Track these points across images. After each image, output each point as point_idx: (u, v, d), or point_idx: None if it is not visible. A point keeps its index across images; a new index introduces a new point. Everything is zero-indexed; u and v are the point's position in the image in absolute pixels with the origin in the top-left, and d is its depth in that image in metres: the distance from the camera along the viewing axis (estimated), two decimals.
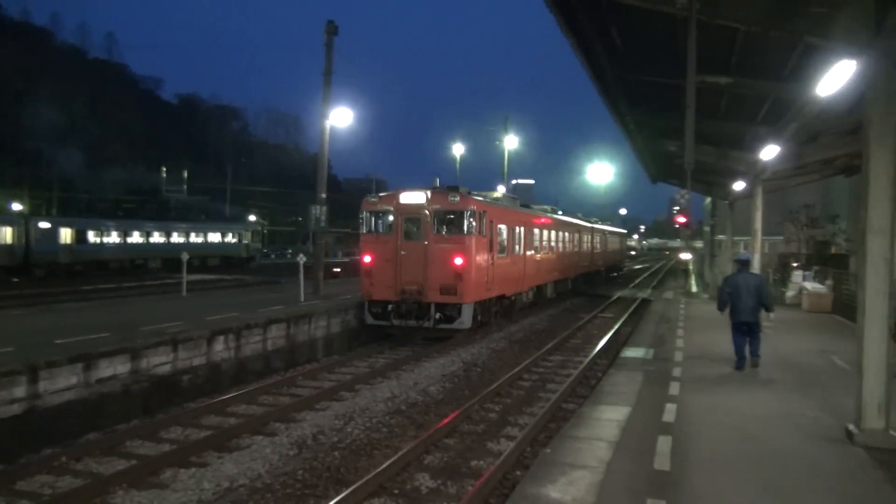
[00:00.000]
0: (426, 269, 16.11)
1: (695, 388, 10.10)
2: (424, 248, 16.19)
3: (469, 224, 16.19)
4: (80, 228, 38.74)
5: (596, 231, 36.03)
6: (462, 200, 16.27)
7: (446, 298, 16.04)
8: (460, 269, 15.99)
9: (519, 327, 20.72)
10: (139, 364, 11.17)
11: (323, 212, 20.51)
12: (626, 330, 19.70)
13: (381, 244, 16.58)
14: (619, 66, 12.79)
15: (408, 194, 16.59)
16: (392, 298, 16.36)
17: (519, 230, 20.29)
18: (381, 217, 16.80)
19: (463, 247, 16.09)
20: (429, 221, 16.24)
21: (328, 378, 13.65)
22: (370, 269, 16.66)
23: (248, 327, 13.78)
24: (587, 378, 13.37)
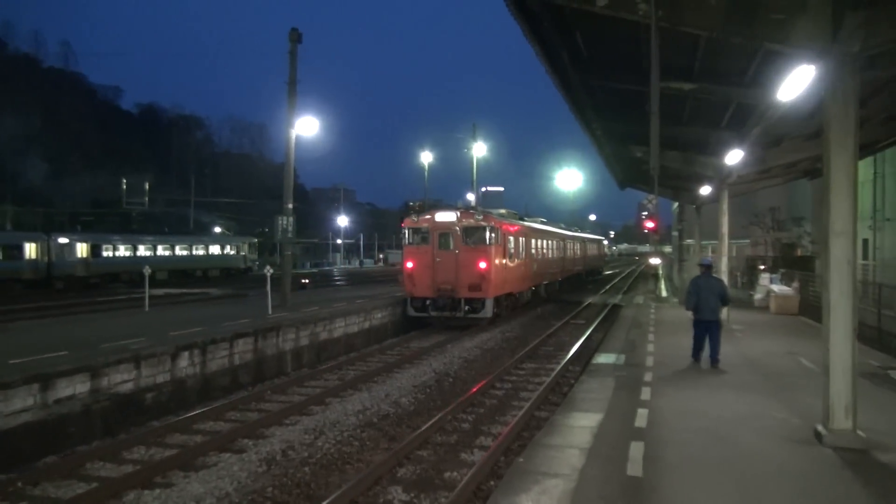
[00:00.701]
0: (457, 271, 21.05)
1: (666, 393, 10.22)
2: (455, 255, 21.21)
3: (489, 236, 21.28)
4: (94, 243, 42.18)
5: (577, 238, 40.85)
6: (484, 218, 21.68)
7: (473, 294, 21.01)
8: (484, 271, 21.02)
9: (490, 336, 20.77)
10: (100, 383, 10.90)
11: (290, 222, 20.34)
12: (598, 336, 19.86)
13: (421, 253, 21.56)
14: (584, 73, 12.94)
15: (441, 214, 21.92)
16: (430, 295, 21.29)
17: (521, 240, 25.05)
18: (420, 232, 21.82)
19: (486, 254, 21.11)
20: (458, 234, 21.36)
21: (297, 392, 13.50)
22: (412, 273, 21.49)
23: (213, 342, 13.57)
24: (559, 385, 13.43)
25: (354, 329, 19.35)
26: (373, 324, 20.57)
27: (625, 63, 11.93)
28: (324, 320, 17.71)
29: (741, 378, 11.35)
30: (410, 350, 18.17)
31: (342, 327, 18.63)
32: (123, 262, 43.76)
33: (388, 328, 21.59)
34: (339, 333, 18.41)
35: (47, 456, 9.61)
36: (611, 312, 26.20)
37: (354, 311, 19.64)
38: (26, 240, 38.57)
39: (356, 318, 19.53)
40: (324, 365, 16.51)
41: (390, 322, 21.83)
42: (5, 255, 37.31)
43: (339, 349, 18.27)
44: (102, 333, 14.11)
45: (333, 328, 18.14)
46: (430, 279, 21.25)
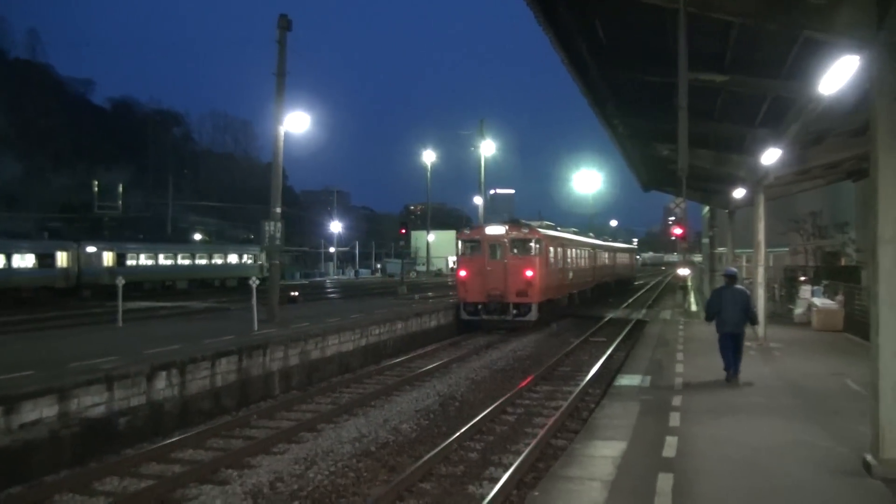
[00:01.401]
0: (506, 279, 25.70)
1: (697, 419, 10.19)
2: (504, 264, 25.90)
3: (535, 247, 26.14)
4: (119, 252, 46.38)
5: (606, 248, 45.60)
6: (530, 231, 26.60)
7: (520, 299, 25.63)
8: (530, 279, 25.66)
9: (500, 355, 20.79)
10: (68, 406, 10.93)
11: (278, 228, 20.41)
12: (620, 355, 19.83)
13: (473, 263, 26.43)
14: (604, 64, 12.99)
15: (492, 227, 26.99)
16: (481, 300, 25.98)
17: (560, 250, 29.64)
18: (472, 244, 26.88)
19: (531, 263, 25.86)
20: (507, 246, 26.17)
21: (286, 417, 13.51)
22: (465, 281, 26.49)
23: (193, 361, 13.60)
24: (578, 410, 13.42)
25: (349, 347, 19.38)
26: (370, 341, 20.59)
27: (650, 53, 11.96)
28: (315, 337, 17.73)
29: (781, 402, 11.32)
30: (412, 371, 18.19)
31: (336, 345, 18.65)
32: (146, 271, 48.12)
33: (387, 346, 21.61)
34: (332, 352, 18.43)
35: (11, 486, 9.64)
36: (634, 329, 26.18)
37: (349, 327, 19.67)
38: (59, 248, 42.39)
39: (351, 334, 19.55)
40: (315, 387, 16.52)
41: (389, 340, 21.86)
42: (40, 263, 41.10)
43: (333, 369, 18.28)
44: (72, 351, 14.15)
45: (326, 346, 18.17)
46: (482, 286, 26.11)
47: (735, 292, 13.01)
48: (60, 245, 42.99)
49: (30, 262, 40.80)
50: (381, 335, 21.33)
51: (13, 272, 39.42)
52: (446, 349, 22.45)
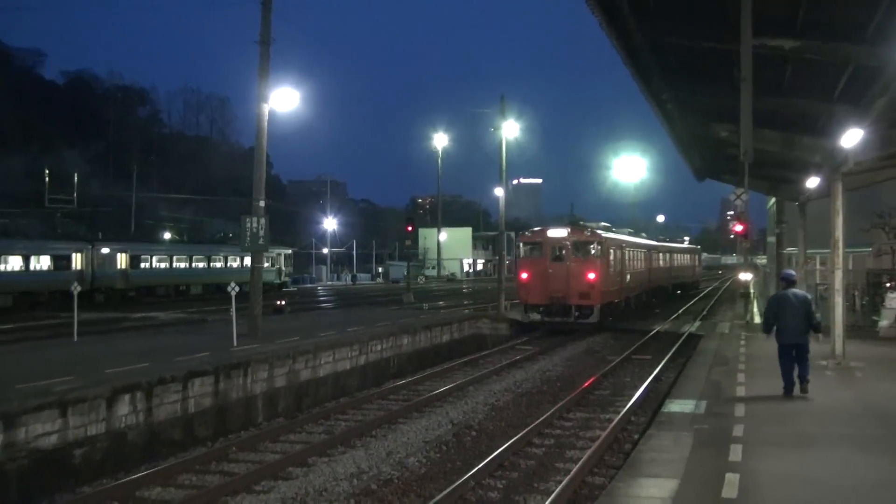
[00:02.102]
0: (568, 281, 29.45)
1: (763, 452, 10.12)
2: (567, 266, 29.73)
3: (597, 250, 30.08)
4: (133, 254, 50.59)
5: (663, 249, 49.67)
6: (591, 234, 30.80)
7: (582, 301, 29.40)
8: (593, 281, 29.31)
9: (525, 375, 20.77)
10: (14, 435, 11.00)
11: (261, 224, 20.48)
12: (669, 376, 19.75)
13: (535, 265, 30.34)
14: (651, 29, 12.92)
15: (553, 230, 31.16)
16: (543, 302, 29.80)
17: (618, 252, 33.33)
18: (534, 246, 31.13)
19: (594, 265, 29.55)
20: (569, 248, 30.06)
21: (271, 449, 13.54)
22: (527, 283, 30.42)
23: (162, 382, 13.65)
24: (619, 442, 13.37)
25: (346, 366, 19.40)
26: (371, 359, 20.61)
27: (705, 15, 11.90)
28: (305, 354, 17.76)
29: (864, 433, 11.21)
30: (420, 394, 18.20)
31: (330, 363, 18.68)
32: (160, 274, 52.33)
33: (390, 365, 21.64)
34: (325, 372, 18.46)
35: None
36: (686, 345, 26.07)
37: (346, 342, 19.69)
38: (75, 249, 46.30)
39: (349, 351, 19.58)
40: (306, 413, 16.53)
41: (394, 357, 21.88)
42: (56, 265, 44.95)
43: (327, 392, 18.31)
44: (22, 369, 14.25)
45: (318, 365, 18.20)
46: (543, 288, 29.77)
47: (794, 297, 13.54)
48: (76, 246, 46.93)
49: (45, 265, 44.54)
50: (383, 352, 21.34)
51: (31, 275, 42.95)
52: (461, 368, 22.45)
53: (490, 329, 30.34)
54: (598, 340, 28.79)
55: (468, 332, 28.34)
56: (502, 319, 32.08)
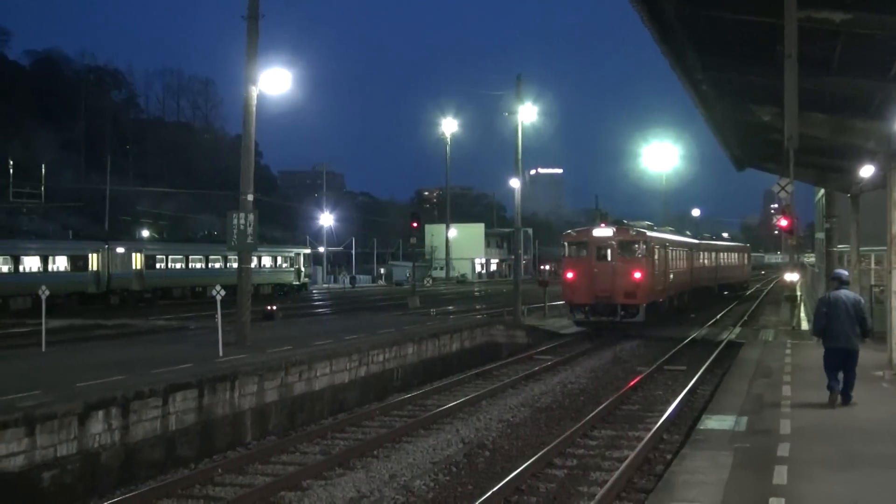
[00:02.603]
0: (613, 280, 32.17)
1: (811, 474, 10.09)
2: (612, 266, 32.52)
3: (642, 249, 33.04)
4: (149, 254, 54.31)
5: (707, 247, 52.92)
6: (637, 234, 33.63)
7: (628, 300, 32.21)
8: (638, 280, 32.27)
9: (545, 388, 20.78)
10: None
11: (250, 221, 20.52)
12: (706, 389, 19.74)
13: (580, 264, 33.26)
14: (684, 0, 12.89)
15: (598, 230, 33.84)
16: (588, 302, 32.66)
17: (662, 251, 36.51)
18: (578, 246, 33.96)
19: (639, 264, 32.60)
20: (615, 248, 32.89)
21: (262, 471, 13.56)
22: (572, 283, 33.47)
23: (139, 397, 13.69)
24: (650, 462, 13.34)
25: (345, 378, 19.42)
26: (372, 370, 20.63)
27: None
28: (299, 365, 17.79)
29: None
30: (427, 409, 18.21)
31: (327, 375, 18.71)
32: (176, 275, 55.90)
33: (394, 377, 21.66)
34: (321, 385, 18.49)
35: None
36: (725, 353, 26.02)
37: (345, 351, 19.71)
38: (91, 249, 49.71)
39: (347, 361, 19.61)
40: (300, 431, 16.56)
41: (398, 369, 21.91)
42: (73, 266, 48.47)
43: (323, 408, 18.34)
44: None
45: (314, 377, 18.23)
46: (589, 288, 32.57)
47: (846, 299, 13.96)
48: (92, 246, 50.39)
49: (62, 265, 48.13)
50: (386, 363, 21.36)
51: (49, 276, 45.10)
52: (473, 381, 22.47)
53: (505, 337, 30.38)
54: (626, 349, 28.77)
55: (481, 340, 28.37)
56: (519, 326, 32.12)
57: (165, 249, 57.35)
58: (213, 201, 79.63)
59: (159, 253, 55.96)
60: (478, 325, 29.30)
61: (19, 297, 43.27)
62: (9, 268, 46.49)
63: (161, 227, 78.75)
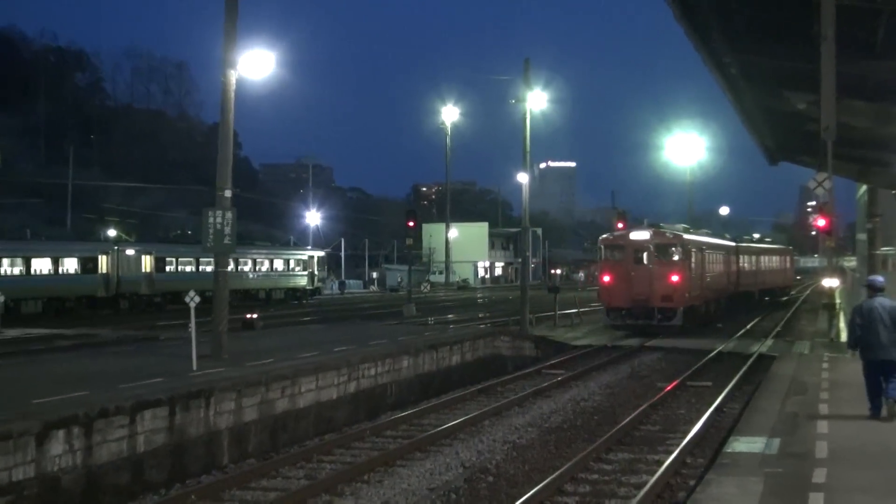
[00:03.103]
0: (651, 283, 35.35)
1: (851, 502, 10.10)
2: (650, 269, 35.89)
3: (679, 252, 36.41)
4: (159, 255, 57.52)
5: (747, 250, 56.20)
6: (674, 237, 37.25)
7: (665, 304, 35.33)
8: (676, 283, 35.50)
9: (555, 406, 20.76)
10: None
11: (227, 219, 20.50)
12: (734, 407, 19.70)
13: (617, 268, 36.38)
14: None
15: (636, 233, 37.57)
16: (625, 305, 35.85)
17: (699, 255, 39.72)
18: (616, 249, 37.24)
19: (677, 268, 35.88)
20: (652, 251, 36.18)
21: (241, 498, 13.55)
22: (609, 286, 36.48)
23: (104, 415, 13.68)
24: (671, 489, 13.34)
25: (332, 395, 19.41)
26: (363, 386, 20.62)
27: None
28: (282, 380, 17.78)
29: None
30: (424, 430, 18.18)
31: (312, 392, 18.69)
32: (186, 279, 57.17)
33: (387, 393, 21.64)
34: (307, 402, 18.47)
35: None
36: (755, 368, 26.01)
37: (333, 365, 19.70)
38: (101, 251, 53.11)
39: (335, 376, 19.59)
40: (283, 453, 16.51)
41: (391, 384, 21.89)
42: (83, 268, 51.60)
43: (308, 427, 18.32)
44: None
45: (298, 393, 18.21)
46: (626, 291, 35.66)
47: (881, 308, 14.35)
48: (101, 247, 54.39)
49: (72, 268, 51.14)
50: (378, 377, 21.34)
51: (60, 279, 49.46)
52: (475, 398, 22.44)
53: (511, 349, 30.41)
54: (645, 362, 28.74)
55: (484, 352, 28.40)
56: (527, 337, 32.12)
57: (175, 252, 60.82)
58: (187, 197, 79.58)
59: (169, 255, 59.36)
60: (480, 335, 29.31)
61: (30, 301, 46.20)
62: (20, 270, 49.03)
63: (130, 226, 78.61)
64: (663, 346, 31.93)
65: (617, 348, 31.66)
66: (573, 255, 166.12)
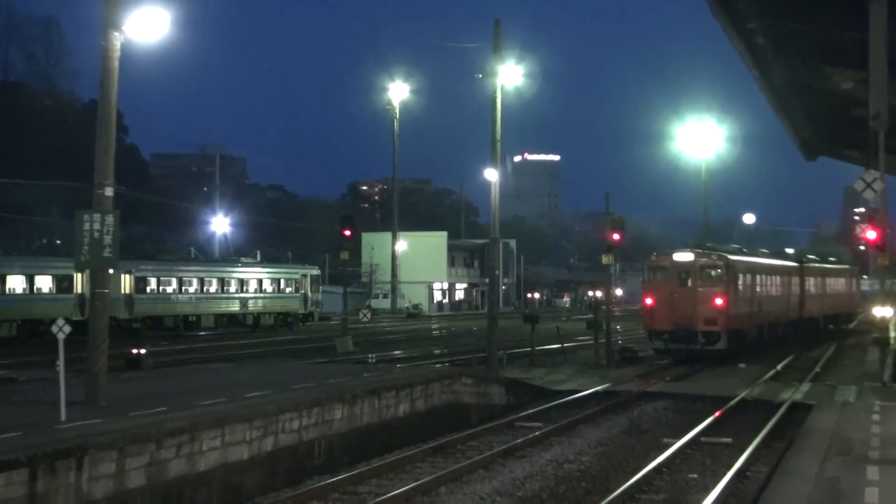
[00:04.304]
0: (694, 306, 42.67)
1: None
2: (693, 291, 43.40)
3: (724, 274, 43.77)
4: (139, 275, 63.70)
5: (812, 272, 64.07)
6: (718, 258, 44.87)
7: (709, 328, 42.50)
8: (720, 307, 42.58)
9: (534, 469, 20.79)
10: None
11: (108, 225, 20.32)
12: (760, 470, 19.83)
13: (660, 290, 44.22)
14: None
15: (679, 254, 45.52)
16: (668, 328, 43.38)
17: (748, 276, 47.99)
18: (659, 270, 45.26)
19: (721, 290, 43.12)
20: (696, 273, 43.92)
21: None
22: (652, 308, 44.38)
23: None
24: None
25: (243, 454, 19.27)
26: (282, 443, 20.50)
27: None
28: (178, 435, 17.62)
29: None
30: (361, 499, 18.13)
31: (217, 450, 18.55)
32: (168, 301, 66.11)
33: (314, 452, 21.52)
34: (209, 463, 18.32)
35: None
36: (787, 420, 26.23)
37: (244, 415, 19.58)
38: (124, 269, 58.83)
39: (247, 430, 19.46)
40: None
41: (320, 440, 21.78)
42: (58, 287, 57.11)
43: (211, 496, 18.19)
44: None
45: (198, 452, 18.06)
46: (669, 314, 43.37)
47: None
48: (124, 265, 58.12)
49: (46, 287, 56.87)
50: (303, 431, 21.22)
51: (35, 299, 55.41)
52: (428, 458, 22.39)
53: (475, 395, 30.38)
54: (647, 413, 28.86)
55: (440, 399, 28.33)
56: (495, 380, 32.15)
57: (158, 270, 67.12)
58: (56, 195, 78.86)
59: (151, 274, 65.64)
60: (436, 378, 29.24)
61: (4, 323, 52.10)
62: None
63: None
64: (671, 391, 32.10)
65: (612, 394, 31.78)
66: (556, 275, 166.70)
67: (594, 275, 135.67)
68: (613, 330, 49.44)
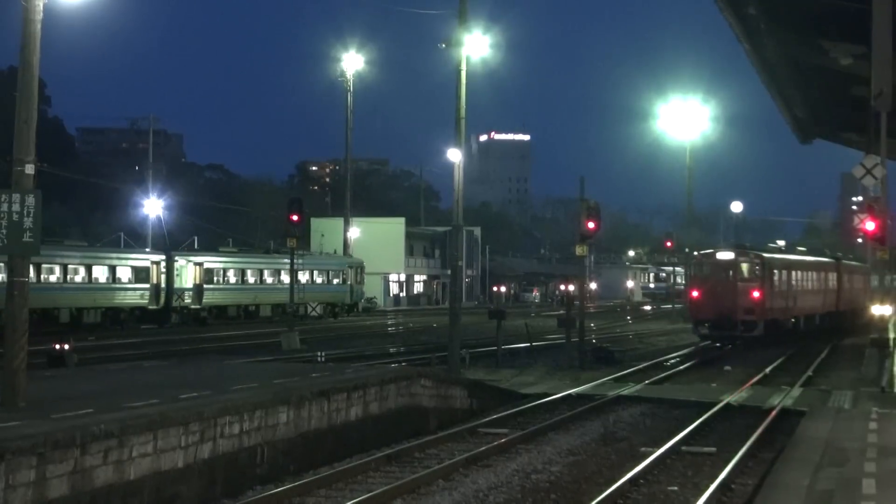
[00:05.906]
0: (735, 298, 58.53)
1: None
2: (734, 285, 59.64)
3: (761, 270, 60.49)
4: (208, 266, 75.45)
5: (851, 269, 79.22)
6: (755, 256, 62.45)
7: (748, 317, 58.38)
8: (757, 299, 58.67)
9: (499, 480, 20.83)
10: None
11: (30, 206, 20.22)
12: (746, 483, 20.01)
13: (705, 283, 61.09)
14: None
15: (721, 253, 64.04)
16: (711, 317, 59.27)
17: (785, 272, 63.47)
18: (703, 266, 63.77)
19: (758, 284, 59.33)
20: (736, 269, 60.65)
21: None
22: (698, 300, 61.11)
23: None
24: None
25: (177, 461, 19.24)
26: (221, 449, 20.47)
27: None
28: (105, 440, 17.57)
29: None
30: None
31: (148, 457, 18.51)
32: (232, 292, 78.32)
33: (256, 460, 21.51)
34: (140, 471, 18.28)
35: None
36: (776, 427, 26.39)
37: (178, 419, 19.54)
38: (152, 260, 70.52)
39: (182, 434, 19.42)
40: None
41: (262, 446, 21.77)
42: (136, 277, 68.35)
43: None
44: None
45: (127, 459, 18.02)
46: (712, 305, 56.81)
47: None
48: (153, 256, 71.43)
49: (126, 277, 67.08)
50: (244, 437, 21.21)
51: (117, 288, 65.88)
52: (382, 467, 22.42)
53: (435, 398, 30.40)
54: (623, 419, 28.96)
55: (396, 402, 28.34)
56: (457, 382, 32.17)
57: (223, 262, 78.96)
58: None
59: (218, 265, 77.29)
60: (392, 379, 29.23)
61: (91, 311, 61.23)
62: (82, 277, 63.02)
63: None
64: (650, 396, 32.18)
65: (585, 398, 31.85)
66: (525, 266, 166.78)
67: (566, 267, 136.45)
68: (588, 328, 49.63)
